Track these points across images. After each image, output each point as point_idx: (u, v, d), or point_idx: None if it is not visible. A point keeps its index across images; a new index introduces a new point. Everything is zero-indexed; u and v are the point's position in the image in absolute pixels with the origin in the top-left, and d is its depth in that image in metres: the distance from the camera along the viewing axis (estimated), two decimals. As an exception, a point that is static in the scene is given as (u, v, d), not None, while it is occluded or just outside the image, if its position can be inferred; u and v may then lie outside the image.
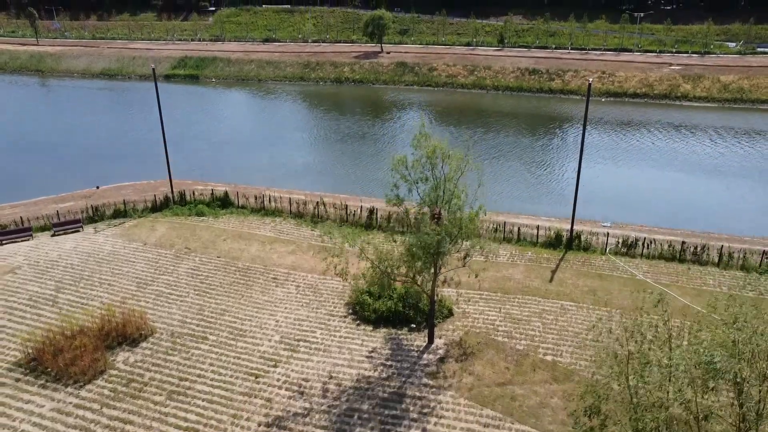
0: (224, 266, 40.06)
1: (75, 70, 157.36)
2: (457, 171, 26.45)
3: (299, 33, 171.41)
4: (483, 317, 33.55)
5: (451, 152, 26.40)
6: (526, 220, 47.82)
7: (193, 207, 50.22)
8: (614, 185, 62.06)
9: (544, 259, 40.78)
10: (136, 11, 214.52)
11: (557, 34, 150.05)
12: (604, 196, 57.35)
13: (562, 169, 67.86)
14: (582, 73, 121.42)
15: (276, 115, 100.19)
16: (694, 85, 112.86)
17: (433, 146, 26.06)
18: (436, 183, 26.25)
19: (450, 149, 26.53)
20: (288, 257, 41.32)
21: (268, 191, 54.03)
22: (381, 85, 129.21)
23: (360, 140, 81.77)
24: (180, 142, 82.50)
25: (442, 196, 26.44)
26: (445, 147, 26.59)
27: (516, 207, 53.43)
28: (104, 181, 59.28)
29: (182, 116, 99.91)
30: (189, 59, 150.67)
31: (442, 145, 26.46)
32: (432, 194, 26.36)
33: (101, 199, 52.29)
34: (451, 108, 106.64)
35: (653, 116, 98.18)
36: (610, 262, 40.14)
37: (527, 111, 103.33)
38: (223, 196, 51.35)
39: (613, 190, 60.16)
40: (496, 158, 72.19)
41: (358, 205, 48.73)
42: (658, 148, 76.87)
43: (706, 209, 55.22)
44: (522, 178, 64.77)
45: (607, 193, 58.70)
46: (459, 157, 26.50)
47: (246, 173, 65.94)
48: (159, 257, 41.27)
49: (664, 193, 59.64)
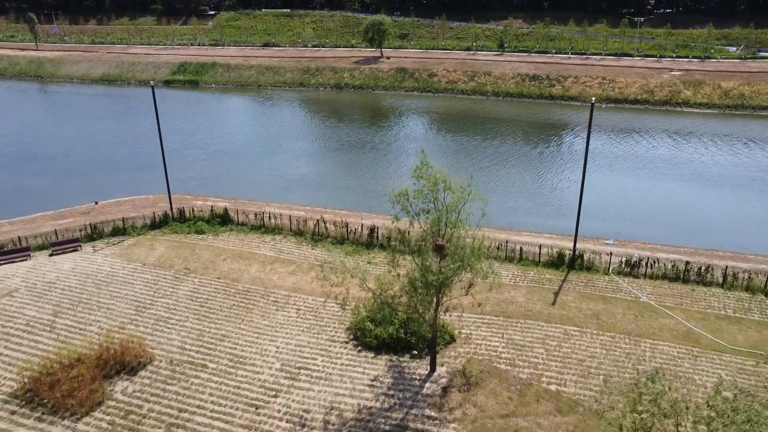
0: (224, 288, 39.67)
1: (74, 75, 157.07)
2: (459, 201, 26.03)
3: (299, 38, 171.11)
4: (485, 343, 33.16)
5: (453, 183, 25.98)
6: (528, 237, 47.42)
7: (192, 224, 49.79)
8: (615, 196, 61.71)
9: (546, 280, 40.38)
10: (135, 15, 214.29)
11: (557, 39, 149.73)
12: (605, 208, 56.99)
13: (562, 179, 67.51)
14: (582, 78, 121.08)
15: (275, 123, 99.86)
16: (694, 92, 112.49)
17: (435, 177, 25.65)
18: (438, 215, 25.83)
19: (452, 180, 26.08)
20: (288, 278, 40.93)
21: (267, 207, 53.63)
22: (381, 90, 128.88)
23: (360, 149, 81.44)
24: (179, 150, 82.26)
25: (444, 227, 26.04)
26: (447, 177, 26.17)
27: (517, 221, 53.06)
28: (103, 195, 58.94)
29: (181, 124, 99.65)
30: (188, 65, 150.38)
31: (444, 175, 26.05)
32: (434, 226, 25.96)
33: (100, 215, 51.93)
34: (451, 114, 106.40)
35: (654, 123, 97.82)
36: (613, 283, 39.74)
37: (527, 118, 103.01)
38: (223, 213, 50.92)
39: (614, 202, 59.81)
40: (495, 167, 71.91)
41: (359, 223, 48.35)
42: (660, 156, 76.52)
43: (709, 222, 54.79)
44: (522, 188, 64.43)
45: (608, 205, 58.34)
46: (461, 188, 26.08)
47: (245, 184, 65.65)
48: (158, 278, 40.89)
49: (666, 204, 59.27)
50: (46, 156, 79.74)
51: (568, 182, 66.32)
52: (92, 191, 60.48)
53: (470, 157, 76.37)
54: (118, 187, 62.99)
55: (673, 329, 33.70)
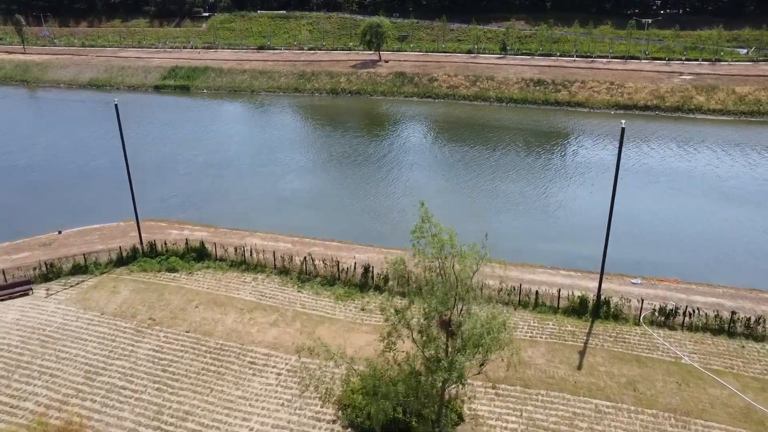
0: (193, 346, 34.02)
1: (61, 80, 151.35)
2: (471, 268, 20.44)
3: (294, 40, 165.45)
4: (500, 424, 27.52)
5: (464, 247, 20.36)
6: (544, 275, 41.77)
7: (164, 260, 44.06)
8: (630, 217, 55.83)
9: (568, 333, 34.77)
10: (127, 17, 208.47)
11: (561, 41, 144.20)
12: (623, 232, 51.39)
13: (575, 198, 61.67)
14: (589, 83, 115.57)
15: (267, 132, 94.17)
16: (707, 97, 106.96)
17: (441, 241, 20.05)
18: (446, 290, 20.23)
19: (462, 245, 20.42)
20: (269, 331, 35.29)
21: (250, 237, 47.92)
22: (379, 96, 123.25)
23: (355, 162, 75.79)
24: (162, 162, 76.74)
25: (453, 302, 20.47)
26: (454, 236, 20.54)
27: (525, 247, 47.41)
28: (71, 219, 53.13)
29: (168, 133, 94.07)
30: (180, 69, 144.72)
31: (451, 235, 20.42)
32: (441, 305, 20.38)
33: (61, 248, 46.18)
34: (451, 122, 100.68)
35: (666, 131, 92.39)
36: (646, 337, 34.15)
37: (532, 125, 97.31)
38: (199, 246, 45.17)
39: (630, 224, 53.95)
40: (498, 182, 66.17)
41: (352, 258, 42.77)
42: (674, 169, 70.71)
43: (743, 249, 48.89)
44: (530, 207, 58.58)
45: (624, 228, 52.71)
46: (475, 254, 20.48)
47: (231, 202, 60.27)
48: (117, 332, 35.20)
49: (689, 226, 53.56)
50: (15, 170, 73.96)
51: (580, 201, 60.72)
52: (59, 215, 54.86)
53: (470, 171, 70.80)
54: (91, 208, 57.40)
55: (727, 404, 28.09)
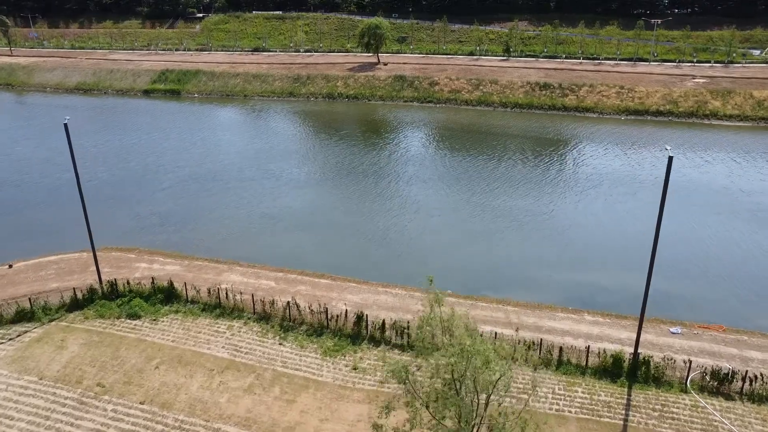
0: (146, 424, 28.04)
1: (48, 84, 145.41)
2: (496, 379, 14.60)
3: (290, 42, 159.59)
4: None
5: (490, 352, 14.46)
6: (566, 321, 35.76)
7: (126, 303, 38.08)
8: (648, 240, 49.98)
9: (602, 404, 28.85)
10: (119, 19, 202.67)
11: (566, 42, 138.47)
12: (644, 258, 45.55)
13: (589, 214, 55.69)
14: (598, 87, 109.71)
15: (258, 140, 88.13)
16: (723, 102, 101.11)
17: (460, 346, 14.14)
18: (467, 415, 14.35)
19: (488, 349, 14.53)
20: (242, 400, 29.35)
21: (228, 273, 41.82)
22: (377, 101, 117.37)
23: (349, 175, 69.82)
24: (143, 175, 70.86)
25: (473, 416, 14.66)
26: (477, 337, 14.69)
27: (542, 281, 41.64)
28: (27, 248, 46.63)
29: (154, 141, 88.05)
30: (170, 72, 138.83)
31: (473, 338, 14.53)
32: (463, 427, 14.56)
33: (9, 286, 40.09)
34: (453, 129, 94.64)
35: (680, 139, 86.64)
36: (699, 411, 28.25)
37: (539, 133, 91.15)
38: (168, 286, 39.09)
39: (658, 254, 48.17)
40: (505, 201, 59.84)
41: (342, 302, 36.79)
42: (694, 182, 64.50)
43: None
44: (542, 226, 52.60)
45: (645, 254, 46.81)
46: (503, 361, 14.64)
47: (211, 222, 54.42)
48: (54, 406, 29.08)
49: (723, 254, 47.49)
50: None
51: (594, 219, 54.79)
52: (17, 242, 48.80)
53: (474, 185, 64.63)
54: (54, 233, 51.28)
55: None
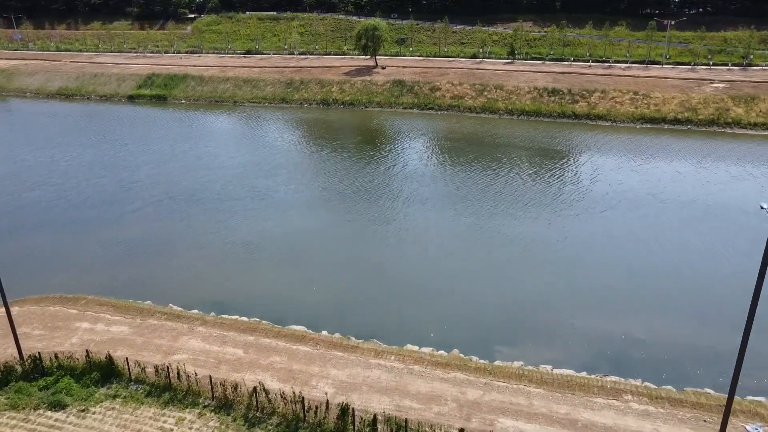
0: None
1: (28, 89, 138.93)
2: None
3: (284, 44, 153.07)
4: None
5: None
6: (607, 412, 28.01)
7: (52, 384, 30.53)
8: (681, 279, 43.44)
9: None
10: (109, 20, 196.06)
11: (573, 44, 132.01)
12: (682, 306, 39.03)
13: (613, 248, 49.17)
14: (611, 93, 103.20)
15: (242, 153, 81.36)
16: (747, 109, 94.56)
17: None
18: None
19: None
20: None
21: (187, 336, 34.48)
22: (375, 107, 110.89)
23: (341, 197, 63.20)
24: (114, 193, 64.28)
25: None
26: None
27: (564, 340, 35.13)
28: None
29: (130, 153, 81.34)
30: (157, 77, 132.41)
31: None
32: None
33: None
34: (457, 139, 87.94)
35: (700, 150, 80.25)
36: None
37: (549, 143, 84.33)
38: (106, 362, 31.42)
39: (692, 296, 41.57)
40: (517, 223, 53.27)
41: (325, 380, 29.76)
42: (726, 202, 57.59)
43: None
44: (559, 260, 46.01)
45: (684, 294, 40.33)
46: None
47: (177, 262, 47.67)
48: None
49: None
50: None
51: (620, 253, 48.24)
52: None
53: (477, 210, 57.52)
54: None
55: None
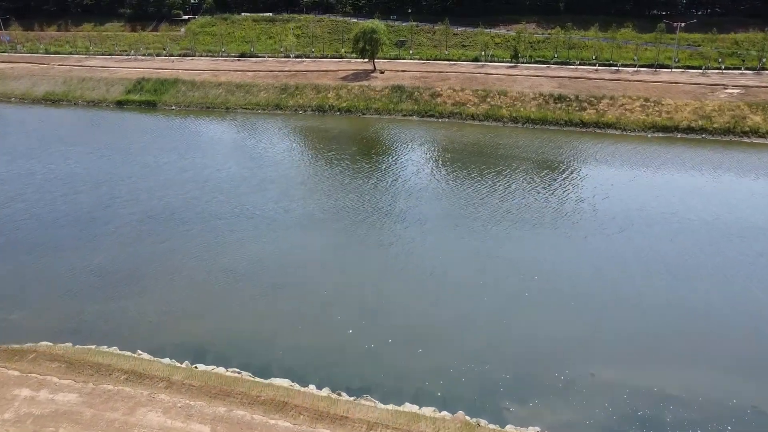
0: None
1: (12, 94, 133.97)
2: None
3: (280, 46, 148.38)
4: None
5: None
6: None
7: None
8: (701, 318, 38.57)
9: None
10: (101, 21, 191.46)
11: (578, 47, 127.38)
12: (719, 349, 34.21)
13: (626, 281, 44.18)
14: (620, 99, 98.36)
15: (230, 166, 76.10)
16: (765, 116, 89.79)
17: None
18: None
19: None
20: None
21: (145, 408, 28.55)
22: (373, 114, 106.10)
23: (334, 219, 58.18)
24: (90, 212, 58.86)
25: None
26: None
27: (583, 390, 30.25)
28: None
29: (112, 166, 75.98)
30: (147, 81, 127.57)
31: None
32: None
33: None
34: (459, 150, 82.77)
35: (717, 161, 75.39)
36: None
37: (556, 154, 79.08)
38: None
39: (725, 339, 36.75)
40: (522, 249, 48.21)
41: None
42: (753, 222, 52.75)
43: None
44: (571, 295, 41.10)
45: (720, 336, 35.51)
46: None
47: (147, 292, 42.68)
48: None
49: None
50: None
51: (635, 287, 43.29)
52: None
53: (480, 232, 52.48)
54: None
55: None
